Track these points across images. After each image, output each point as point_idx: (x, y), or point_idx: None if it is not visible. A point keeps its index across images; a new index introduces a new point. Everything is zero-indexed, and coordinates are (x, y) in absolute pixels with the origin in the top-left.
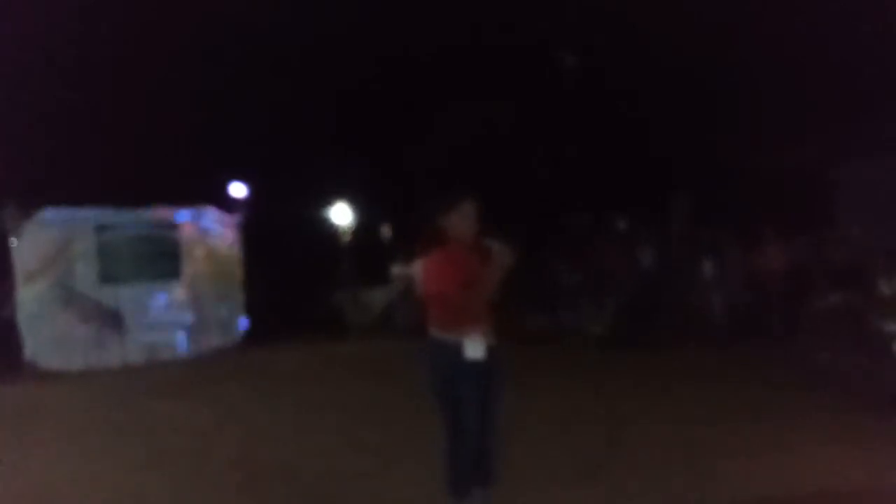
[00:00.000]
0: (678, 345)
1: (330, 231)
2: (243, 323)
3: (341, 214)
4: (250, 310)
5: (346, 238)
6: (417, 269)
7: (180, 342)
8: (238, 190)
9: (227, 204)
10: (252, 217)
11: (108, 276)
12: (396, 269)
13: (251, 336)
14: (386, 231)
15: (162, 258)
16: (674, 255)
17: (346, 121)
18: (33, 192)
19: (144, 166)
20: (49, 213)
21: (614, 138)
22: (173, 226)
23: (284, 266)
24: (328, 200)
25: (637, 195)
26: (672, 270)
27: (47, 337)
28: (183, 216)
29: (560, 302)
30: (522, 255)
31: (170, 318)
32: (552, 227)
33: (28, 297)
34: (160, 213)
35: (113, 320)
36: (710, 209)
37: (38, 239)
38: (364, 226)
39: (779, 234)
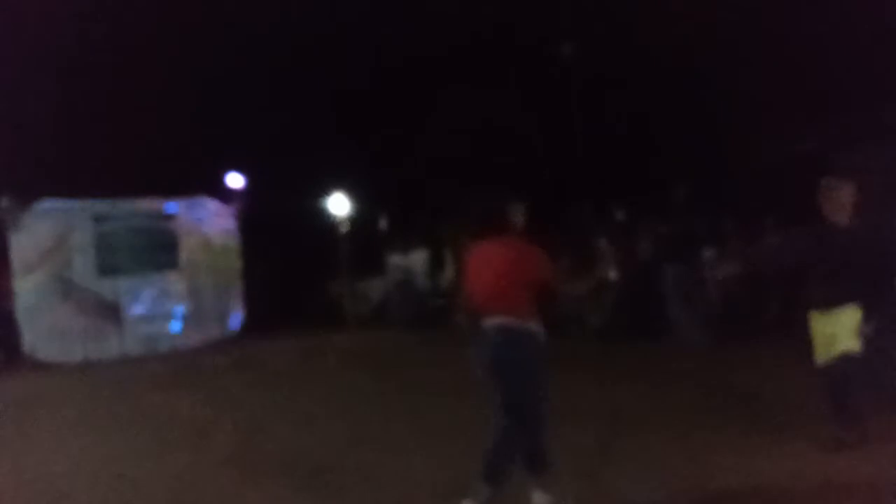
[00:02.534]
0: (676, 336)
1: (327, 221)
2: (241, 314)
3: (338, 204)
4: (248, 300)
5: (344, 228)
6: (417, 260)
7: (178, 333)
8: (235, 180)
9: (224, 194)
10: (249, 207)
11: (106, 268)
12: (395, 259)
13: (249, 327)
14: (383, 221)
15: (159, 249)
16: (672, 245)
17: (343, 110)
18: (30, 184)
19: (141, 157)
20: (46, 205)
21: (611, 127)
22: (171, 217)
23: (282, 256)
24: (325, 190)
25: (635, 184)
26: (670, 261)
27: (46, 329)
28: (180, 207)
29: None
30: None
31: (168, 310)
32: (548, 216)
33: (26, 288)
34: (157, 204)
35: (111, 312)
36: (708, 199)
37: (35, 231)
38: (361, 215)
39: (778, 223)
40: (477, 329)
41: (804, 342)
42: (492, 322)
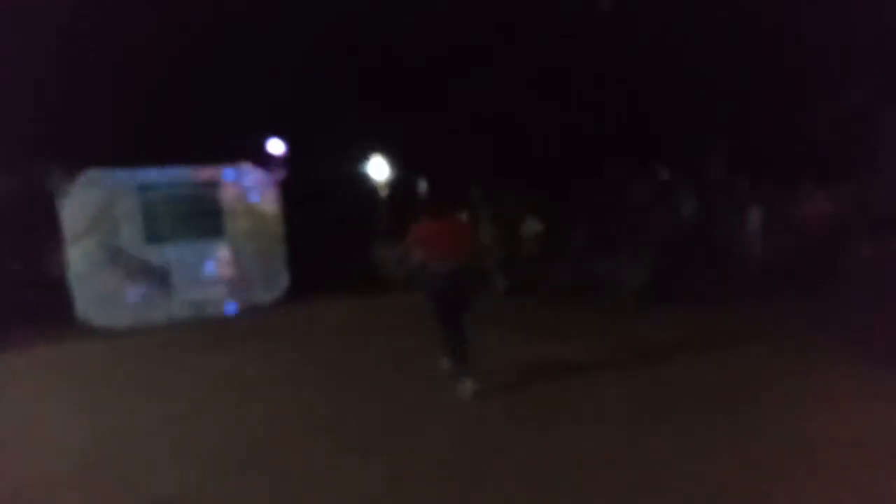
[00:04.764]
0: (716, 297)
1: (367, 185)
2: (284, 279)
3: (378, 168)
4: (292, 265)
5: (383, 192)
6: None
7: (224, 298)
8: (276, 146)
9: (267, 161)
10: (291, 173)
11: (152, 235)
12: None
13: (293, 291)
14: (422, 184)
15: (204, 216)
16: (712, 204)
17: (382, 73)
18: (78, 154)
19: (183, 126)
20: (93, 174)
21: (653, 83)
22: (215, 184)
23: (324, 221)
24: (365, 155)
25: (675, 142)
26: (711, 220)
27: (96, 295)
28: (224, 174)
29: (593, 253)
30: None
31: (214, 275)
32: (587, 175)
33: (76, 256)
34: (201, 171)
35: (159, 278)
36: (749, 156)
37: (83, 199)
38: (401, 179)
39: (820, 181)
40: (428, 270)
41: None
42: (446, 264)
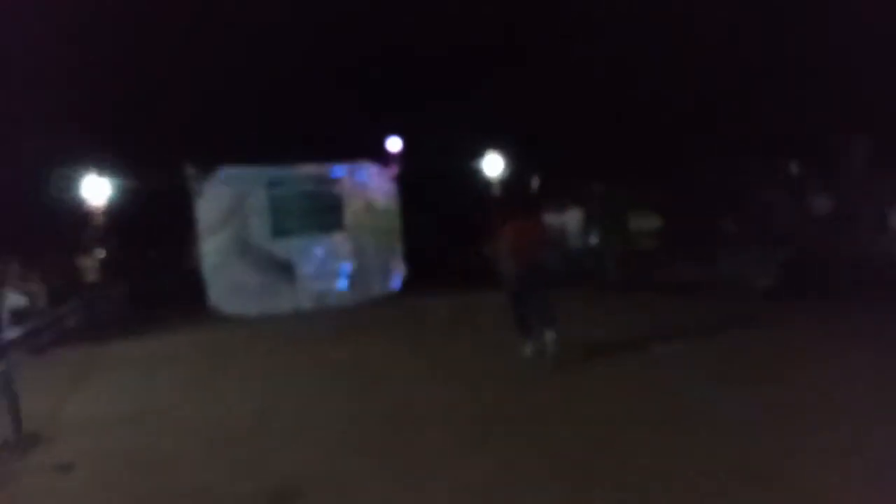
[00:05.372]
0: (850, 298)
1: (483, 182)
2: (401, 272)
3: (493, 165)
4: (409, 259)
5: (497, 189)
6: (572, 219)
7: (344, 290)
8: (394, 144)
9: (385, 158)
10: (408, 170)
11: (278, 229)
12: (549, 218)
13: (409, 284)
14: (535, 181)
15: (326, 212)
16: (849, 202)
17: (497, 70)
18: (211, 154)
19: (307, 126)
20: (225, 172)
21: (786, 76)
22: (336, 181)
23: (440, 217)
24: (481, 152)
25: (811, 137)
26: (847, 219)
27: (227, 285)
28: (345, 172)
29: (721, 251)
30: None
31: (335, 268)
32: (716, 171)
33: (209, 249)
34: (324, 169)
35: (284, 270)
36: (890, 153)
37: (216, 196)
38: (515, 175)
39: None
40: (511, 263)
41: None
42: (526, 258)
